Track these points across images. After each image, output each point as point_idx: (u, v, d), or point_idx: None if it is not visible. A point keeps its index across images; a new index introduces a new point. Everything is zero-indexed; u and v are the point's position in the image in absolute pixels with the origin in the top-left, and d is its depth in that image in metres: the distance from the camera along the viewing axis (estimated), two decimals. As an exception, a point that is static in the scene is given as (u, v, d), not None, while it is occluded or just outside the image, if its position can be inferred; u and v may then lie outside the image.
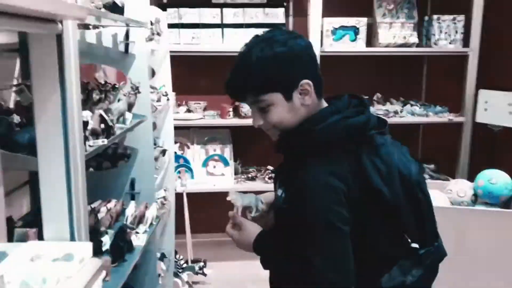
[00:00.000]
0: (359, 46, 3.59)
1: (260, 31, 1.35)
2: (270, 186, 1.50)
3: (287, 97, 1.29)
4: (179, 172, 3.70)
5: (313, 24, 3.53)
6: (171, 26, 3.73)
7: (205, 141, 3.88)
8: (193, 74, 4.01)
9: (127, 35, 2.04)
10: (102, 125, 1.52)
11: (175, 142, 3.81)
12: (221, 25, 3.78)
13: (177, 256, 3.49)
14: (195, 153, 3.81)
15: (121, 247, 1.65)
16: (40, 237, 1.15)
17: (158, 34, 2.88)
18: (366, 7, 3.75)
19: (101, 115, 1.51)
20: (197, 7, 3.76)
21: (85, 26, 2.06)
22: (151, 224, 2.02)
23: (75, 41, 1.00)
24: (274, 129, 1.34)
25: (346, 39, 3.59)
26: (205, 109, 3.82)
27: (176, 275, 3.39)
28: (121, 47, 2.06)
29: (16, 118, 1.28)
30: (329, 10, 3.62)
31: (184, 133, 3.88)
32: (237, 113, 3.69)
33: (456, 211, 3.19)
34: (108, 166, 2.27)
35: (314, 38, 3.52)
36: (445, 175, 3.86)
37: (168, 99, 2.98)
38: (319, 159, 1.24)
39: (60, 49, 0.98)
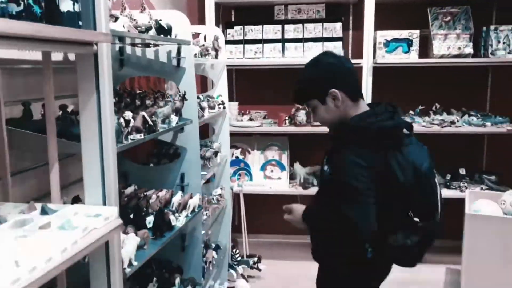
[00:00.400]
0: (412, 58, 3.70)
1: (318, 45, 1.84)
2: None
3: (322, 102, 1.84)
4: (239, 174, 4.06)
5: (366, 37, 3.71)
6: (236, 42, 4.14)
7: (265, 147, 4.20)
8: (256, 86, 4.37)
9: (178, 52, 2.43)
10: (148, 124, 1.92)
11: (237, 148, 4.19)
12: (282, 40, 4.10)
13: (234, 251, 3.83)
14: (255, 158, 4.15)
15: (160, 226, 2.01)
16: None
17: (216, 50, 3.28)
18: (421, 20, 3.84)
19: (143, 117, 1.89)
20: (261, 24, 4.12)
21: (146, 45, 2.50)
22: (193, 211, 2.37)
23: (108, 58, 1.38)
24: (324, 125, 1.94)
25: (399, 51, 3.72)
26: (264, 117, 4.14)
27: (231, 267, 3.72)
28: (174, 62, 2.46)
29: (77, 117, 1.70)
30: (385, 23, 3.78)
31: (247, 139, 4.24)
32: (293, 121, 3.96)
33: (504, 220, 3.19)
34: (166, 162, 2.68)
35: (366, 51, 3.71)
36: (506, 186, 3.79)
37: (224, 107, 3.35)
38: (353, 147, 1.73)
39: (96, 64, 1.35)
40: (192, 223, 2.60)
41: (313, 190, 3.93)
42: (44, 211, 1.38)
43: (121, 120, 1.74)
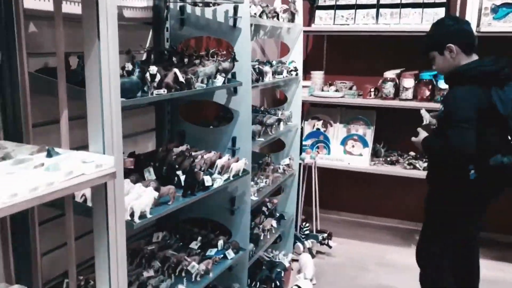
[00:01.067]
0: (526, 26, 3.16)
1: (416, 11, 3.15)
2: (409, 172, 3.48)
3: (440, 53, 2.38)
4: (317, 147, 3.91)
5: (470, 2, 3.25)
6: (327, 7, 3.93)
7: (349, 120, 3.97)
8: (346, 55, 4.12)
9: (235, 11, 2.36)
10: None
11: (319, 119, 4.03)
12: (377, 6, 3.79)
13: (303, 224, 3.74)
14: (337, 131, 3.95)
15: (191, 184, 2.01)
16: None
17: (293, 13, 3.14)
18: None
19: (175, 73, 1.88)
20: (355, -12, 3.85)
21: (206, 4, 2.47)
22: (236, 175, 2.33)
23: (111, 6, 1.37)
24: (441, 72, 2.56)
25: (510, 17, 3.19)
26: (351, 88, 3.90)
27: (299, 240, 3.65)
28: (231, 22, 2.39)
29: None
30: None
31: (331, 111, 4.05)
32: (379, 93, 3.67)
33: None
34: (224, 124, 2.66)
35: (470, 17, 3.25)
36: None
37: (297, 74, 3.22)
38: (461, 86, 2.28)
39: (97, 12, 1.35)
40: (241, 188, 2.57)
41: (393, 170, 3.66)
42: (49, 154, 1.44)
43: (147, 74, 1.75)
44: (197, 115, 2.84)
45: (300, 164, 3.59)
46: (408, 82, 3.54)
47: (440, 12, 3.57)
